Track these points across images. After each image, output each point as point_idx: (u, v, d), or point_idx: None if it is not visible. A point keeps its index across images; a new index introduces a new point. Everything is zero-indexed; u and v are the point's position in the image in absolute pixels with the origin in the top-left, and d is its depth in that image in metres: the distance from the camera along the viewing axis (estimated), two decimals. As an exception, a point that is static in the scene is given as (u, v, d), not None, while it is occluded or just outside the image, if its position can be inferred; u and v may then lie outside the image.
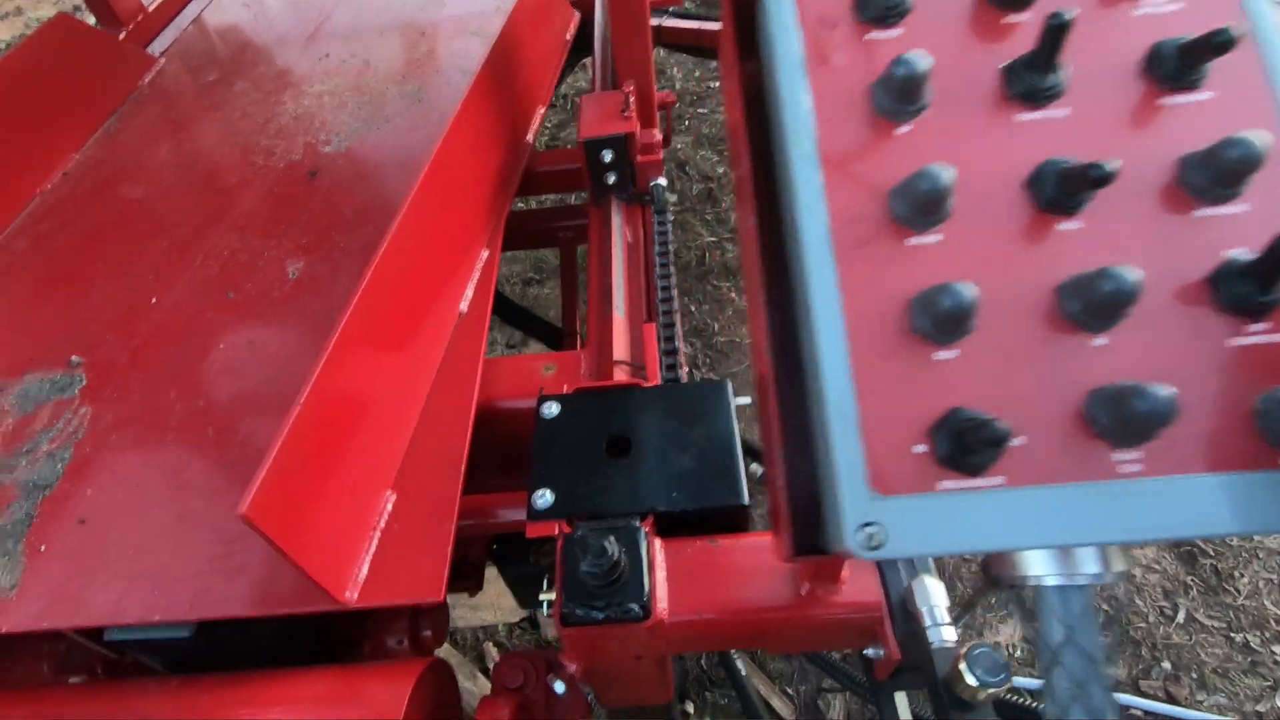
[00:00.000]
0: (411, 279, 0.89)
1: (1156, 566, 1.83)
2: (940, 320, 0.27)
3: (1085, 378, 0.28)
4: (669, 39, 2.22)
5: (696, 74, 3.59)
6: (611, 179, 1.20)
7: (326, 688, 0.69)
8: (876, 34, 0.31)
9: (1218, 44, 0.28)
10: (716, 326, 2.52)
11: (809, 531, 0.33)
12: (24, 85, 1.30)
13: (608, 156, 1.18)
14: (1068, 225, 0.30)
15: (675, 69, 3.55)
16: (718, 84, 3.50)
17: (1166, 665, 1.65)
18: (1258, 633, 1.68)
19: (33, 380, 0.97)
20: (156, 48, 1.61)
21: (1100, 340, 0.28)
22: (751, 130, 0.34)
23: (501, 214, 1.15)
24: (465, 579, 1.25)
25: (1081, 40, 0.31)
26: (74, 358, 0.99)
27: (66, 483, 0.84)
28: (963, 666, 0.54)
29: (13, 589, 0.75)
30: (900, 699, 0.75)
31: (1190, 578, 1.79)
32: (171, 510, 0.80)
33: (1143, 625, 1.73)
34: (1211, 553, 1.83)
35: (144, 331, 1.01)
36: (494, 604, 1.85)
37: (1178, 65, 0.30)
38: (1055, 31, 0.29)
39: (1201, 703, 1.58)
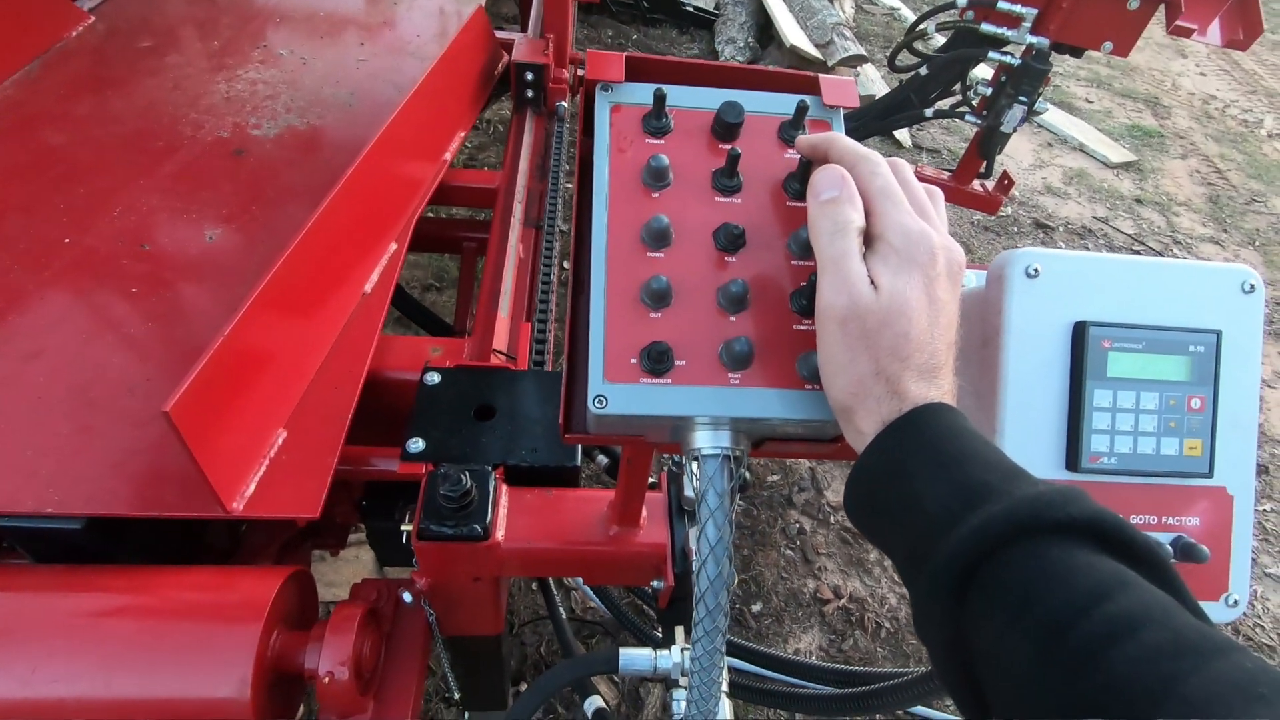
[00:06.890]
0: (328, 256, 1.04)
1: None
2: (654, 296, 0.52)
3: (722, 336, 0.53)
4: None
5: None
6: (529, 94, 1.80)
7: (204, 578, 0.81)
8: (650, 140, 0.57)
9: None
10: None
11: (580, 423, 0.55)
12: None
13: (529, 76, 1.78)
14: (730, 259, 0.57)
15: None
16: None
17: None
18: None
19: (-69, 294, 1.01)
20: (87, 3, 1.66)
21: (733, 319, 0.53)
22: (583, 180, 0.58)
23: (413, 217, 1.31)
24: (330, 536, 1.36)
25: (754, 163, 0.60)
26: (-23, 280, 1.04)
27: (-37, 390, 0.91)
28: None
29: (-99, 474, 0.82)
30: (679, 631, 0.96)
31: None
32: (70, 421, 0.89)
33: (915, 643, 2.06)
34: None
35: (55, 266, 1.08)
36: (348, 581, 1.92)
37: (798, 186, 0.56)
38: (733, 159, 0.55)
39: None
